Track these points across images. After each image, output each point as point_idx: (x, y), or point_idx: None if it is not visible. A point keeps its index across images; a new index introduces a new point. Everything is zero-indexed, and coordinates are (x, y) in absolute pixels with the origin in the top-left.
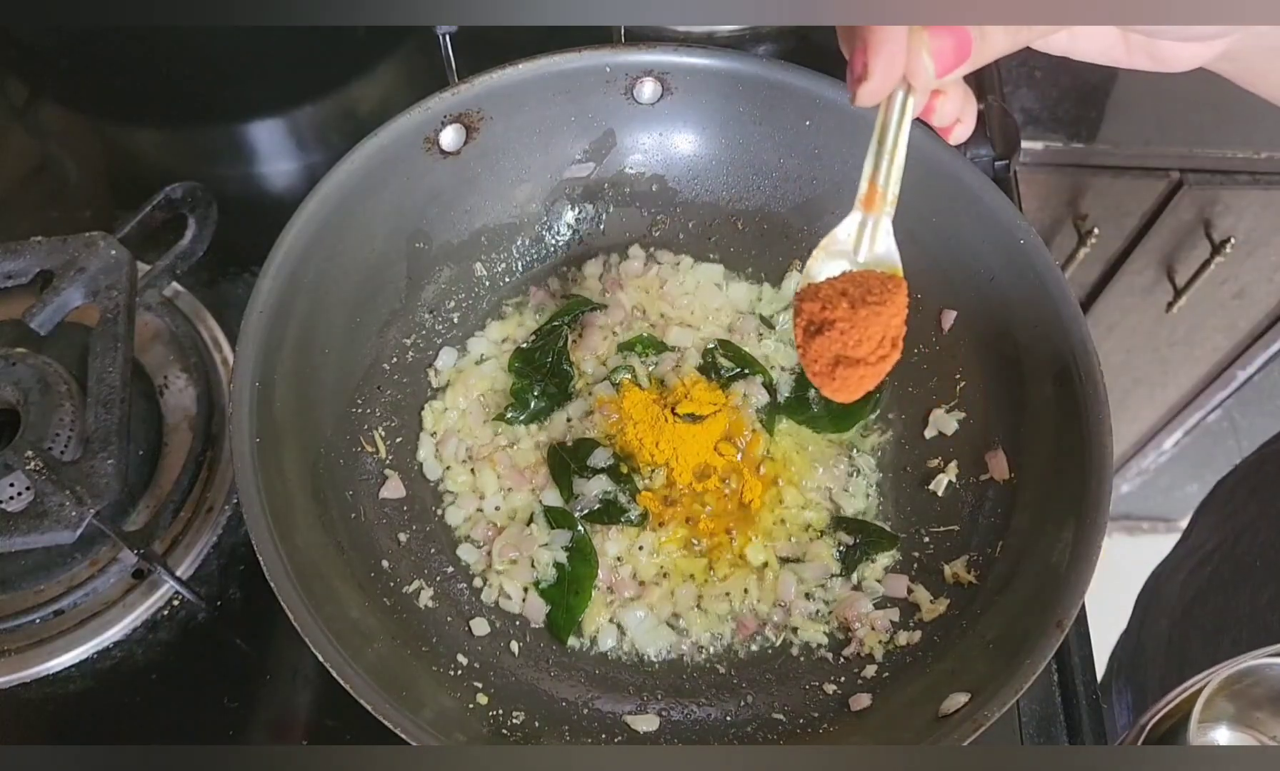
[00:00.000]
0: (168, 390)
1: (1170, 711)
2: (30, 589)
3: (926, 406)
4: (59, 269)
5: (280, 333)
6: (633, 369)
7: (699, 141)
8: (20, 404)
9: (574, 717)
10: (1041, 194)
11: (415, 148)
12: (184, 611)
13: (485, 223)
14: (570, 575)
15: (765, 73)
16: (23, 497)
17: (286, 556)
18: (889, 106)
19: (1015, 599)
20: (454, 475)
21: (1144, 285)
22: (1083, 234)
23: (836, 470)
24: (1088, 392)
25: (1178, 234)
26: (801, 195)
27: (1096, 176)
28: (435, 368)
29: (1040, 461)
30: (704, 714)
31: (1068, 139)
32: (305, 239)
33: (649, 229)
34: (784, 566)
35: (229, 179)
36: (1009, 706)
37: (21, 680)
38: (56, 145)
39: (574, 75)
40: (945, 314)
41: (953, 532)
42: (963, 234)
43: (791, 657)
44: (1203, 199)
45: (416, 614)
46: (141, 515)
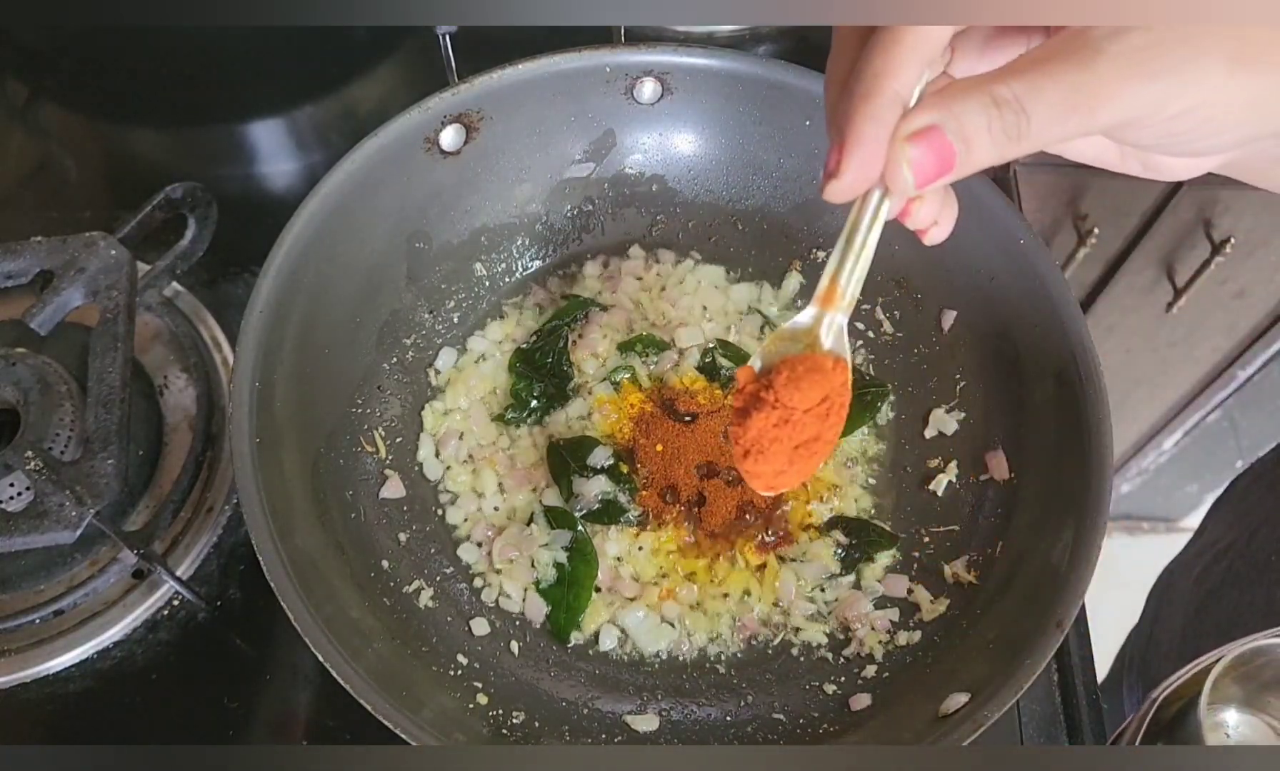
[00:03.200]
0: (168, 390)
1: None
2: (30, 589)
3: (926, 406)
4: (59, 269)
5: (280, 333)
6: (633, 369)
7: (699, 141)
8: (20, 404)
9: (574, 717)
10: (1041, 194)
11: (415, 148)
12: (184, 611)
13: (485, 222)
14: (570, 575)
15: (765, 73)
16: (23, 497)
17: (286, 556)
18: (862, 205)
19: (1015, 599)
20: (454, 475)
21: (1144, 285)
22: (1082, 234)
23: (837, 470)
24: (1088, 392)
25: (1178, 234)
26: (801, 195)
27: (1096, 176)
28: (435, 367)
29: (1040, 461)
30: (704, 714)
31: None
32: (305, 239)
33: (649, 229)
34: (784, 566)
35: (229, 179)
36: (1009, 706)
37: (21, 680)
38: (56, 145)
39: (574, 75)
40: (945, 314)
41: (953, 532)
42: (963, 234)
43: (791, 657)
44: (1202, 199)
45: (416, 614)
46: (141, 515)
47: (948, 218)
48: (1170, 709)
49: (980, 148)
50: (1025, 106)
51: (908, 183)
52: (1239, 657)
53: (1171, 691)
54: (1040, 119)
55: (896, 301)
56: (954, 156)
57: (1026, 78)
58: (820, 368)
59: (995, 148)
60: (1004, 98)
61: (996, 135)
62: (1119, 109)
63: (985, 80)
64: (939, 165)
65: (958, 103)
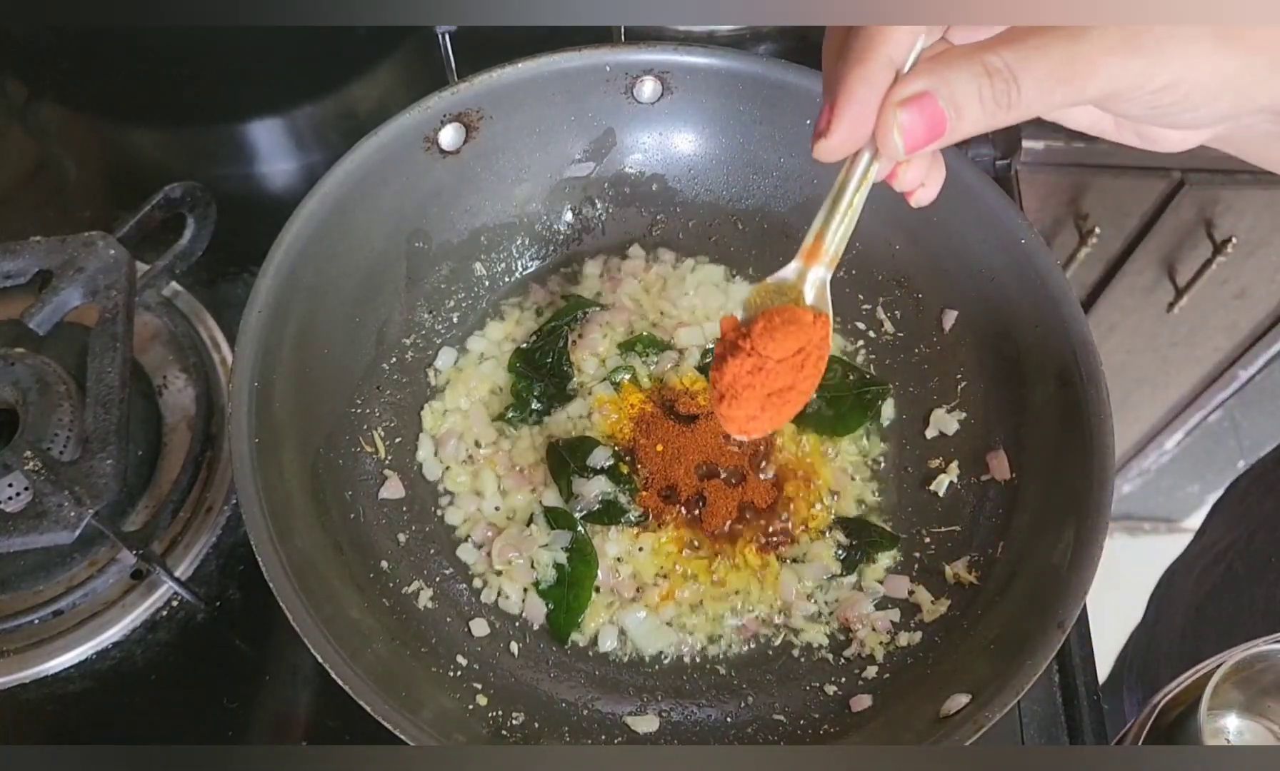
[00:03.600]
0: (167, 390)
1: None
2: (29, 589)
3: (927, 406)
4: (58, 269)
5: (279, 333)
6: (633, 369)
7: (699, 141)
8: (19, 404)
9: (574, 718)
10: (1042, 193)
11: (415, 147)
12: (183, 612)
13: (485, 222)
14: (570, 576)
15: (765, 72)
16: (21, 498)
17: (285, 557)
18: (851, 166)
19: (1016, 599)
20: (453, 475)
21: (1145, 285)
22: (1084, 234)
23: (837, 470)
24: (1089, 393)
25: (1179, 234)
26: (802, 195)
27: (1098, 176)
28: (435, 367)
29: (1041, 462)
30: (704, 715)
31: (1069, 138)
32: (304, 239)
33: (649, 229)
34: (784, 566)
35: (228, 179)
36: (1010, 707)
37: (20, 681)
38: (56, 145)
39: (574, 74)
40: (946, 314)
41: (954, 533)
42: (964, 234)
43: (792, 658)
44: (1204, 198)
45: (416, 614)
46: (140, 515)
47: (935, 180)
48: (1171, 714)
49: (971, 115)
50: (1016, 76)
51: (897, 146)
52: (1239, 663)
53: (1172, 696)
54: (1030, 88)
55: (897, 301)
56: (944, 122)
57: (1019, 48)
58: (798, 320)
59: (986, 115)
60: (996, 67)
61: (987, 103)
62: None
63: (978, 49)
64: (929, 131)
65: (951, 70)
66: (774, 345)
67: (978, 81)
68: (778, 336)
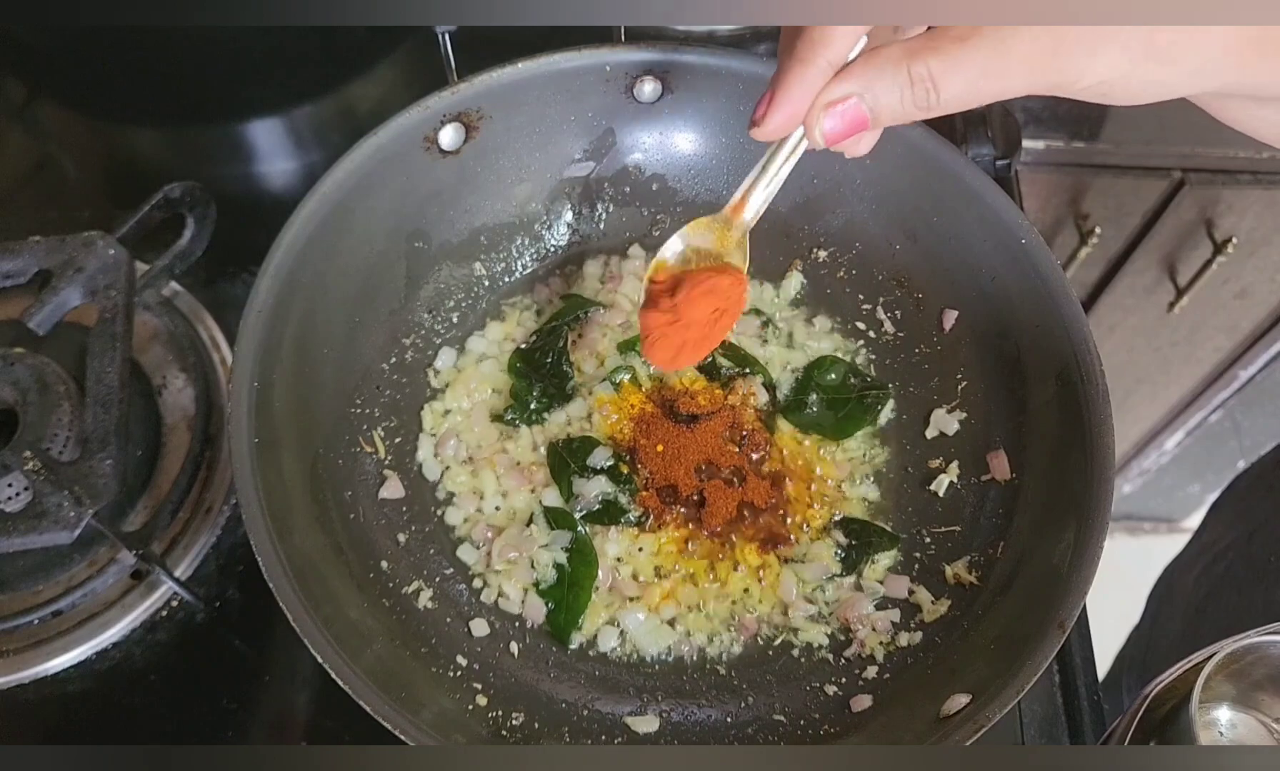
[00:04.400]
0: (166, 390)
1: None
2: (29, 589)
3: (928, 406)
4: (57, 269)
5: (279, 333)
6: (633, 369)
7: (699, 141)
8: (18, 404)
9: (574, 719)
10: (1043, 193)
11: (414, 147)
12: (182, 612)
13: (485, 222)
14: (570, 576)
15: (765, 72)
16: (21, 498)
17: (285, 557)
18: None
19: (1017, 599)
20: (453, 475)
21: (1146, 285)
22: (1084, 233)
23: (837, 470)
24: (1089, 393)
25: (1179, 233)
26: (802, 195)
27: (1098, 176)
28: (435, 368)
29: (1042, 462)
30: (704, 715)
31: (1069, 138)
32: (304, 238)
33: (649, 228)
34: (784, 567)
35: (228, 179)
36: (1010, 707)
37: (20, 681)
38: (55, 145)
39: (574, 74)
40: (947, 313)
41: (954, 533)
42: (964, 234)
43: (792, 658)
44: (1204, 198)
45: (415, 615)
46: (140, 515)
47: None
48: (1163, 706)
49: (890, 116)
50: (938, 84)
51: (819, 140)
52: (1231, 655)
53: (1163, 688)
54: (950, 94)
55: (898, 301)
56: (865, 122)
57: (945, 55)
58: (716, 289)
59: (905, 116)
60: (919, 75)
61: (907, 106)
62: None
63: (906, 55)
64: (850, 128)
65: (876, 78)
66: (692, 310)
67: (900, 90)
68: (697, 305)
